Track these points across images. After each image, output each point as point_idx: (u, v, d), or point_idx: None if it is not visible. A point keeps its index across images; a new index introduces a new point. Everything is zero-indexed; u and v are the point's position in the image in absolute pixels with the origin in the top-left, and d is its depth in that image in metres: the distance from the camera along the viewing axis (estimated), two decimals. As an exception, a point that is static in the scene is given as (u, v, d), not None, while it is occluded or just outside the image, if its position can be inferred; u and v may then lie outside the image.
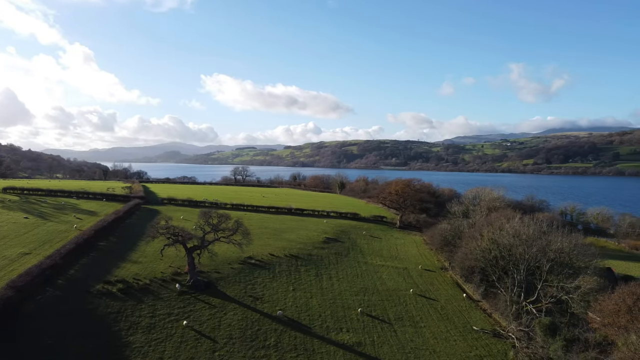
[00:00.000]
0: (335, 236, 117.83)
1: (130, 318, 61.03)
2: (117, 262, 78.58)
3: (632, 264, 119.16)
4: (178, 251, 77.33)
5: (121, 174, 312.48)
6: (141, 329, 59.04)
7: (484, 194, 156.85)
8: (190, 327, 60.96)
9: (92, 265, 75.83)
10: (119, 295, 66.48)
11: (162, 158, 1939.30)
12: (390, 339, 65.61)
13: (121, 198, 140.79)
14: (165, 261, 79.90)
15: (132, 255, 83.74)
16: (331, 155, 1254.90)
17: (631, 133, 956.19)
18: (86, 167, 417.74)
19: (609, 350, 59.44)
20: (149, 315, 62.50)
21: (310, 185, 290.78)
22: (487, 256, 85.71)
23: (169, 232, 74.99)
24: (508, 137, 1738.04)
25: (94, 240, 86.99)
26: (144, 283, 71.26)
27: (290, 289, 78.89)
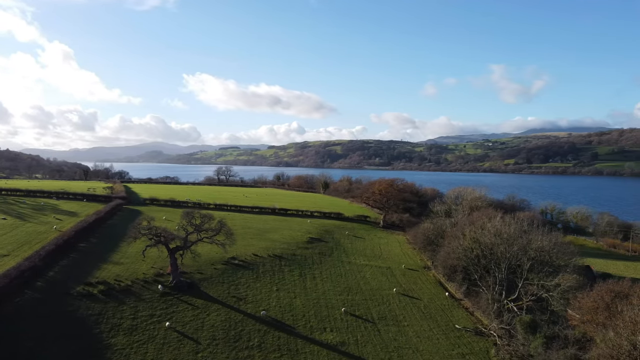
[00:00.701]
0: (319, 236, 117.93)
1: (111, 320, 60.32)
2: (98, 264, 77.55)
3: (610, 262, 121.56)
4: (160, 252, 76.60)
5: (102, 174, 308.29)
6: (123, 330, 58.39)
7: (466, 193, 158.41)
8: (172, 329, 60.48)
9: (72, 267, 74.73)
10: (100, 297, 65.64)
11: (144, 158, 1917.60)
12: (374, 338, 65.93)
13: (102, 198, 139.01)
14: (147, 262, 79.09)
15: (114, 256, 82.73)
16: (315, 155, 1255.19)
17: (609, 133, 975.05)
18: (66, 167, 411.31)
19: (587, 346, 60.50)
20: (130, 317, 61.85)
21: (294, 185, 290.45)
22: (469, 255, 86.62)
23: (151, 233, 74.26)
24: (490, 137, 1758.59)
25: (74, 241, 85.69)
26: (126, 284, 70.46)
27: (273, 289, 78.76)
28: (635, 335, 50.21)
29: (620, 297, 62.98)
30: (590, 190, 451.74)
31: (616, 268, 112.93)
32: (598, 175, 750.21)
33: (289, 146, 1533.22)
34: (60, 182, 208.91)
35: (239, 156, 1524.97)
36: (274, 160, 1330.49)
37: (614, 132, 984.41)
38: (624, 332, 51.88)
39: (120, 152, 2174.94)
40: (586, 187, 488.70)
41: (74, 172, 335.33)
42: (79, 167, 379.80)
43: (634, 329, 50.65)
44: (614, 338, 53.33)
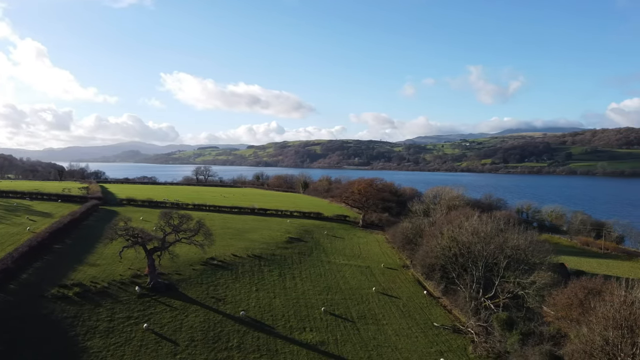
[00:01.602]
0: (299, 236, 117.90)
1: (87, 322, 59.34)
2: (74, 265, 76.23)
3: (583, 260, 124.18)
4: (138, 253, 75.70)
5: (78, 174, 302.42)
6: (99, 333, 57.49)
7: (444, 192, 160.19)
8: (150, 330, 59.80)
9: (46, 269, 73.32)
10: (76, 299, 64.54)
11: (120, 158, 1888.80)
12: (353, 337, 66.20)
13: (78, 199, 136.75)
14: (124, 263, 78.07)
15: (90, 257, 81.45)
16: (294, 155, 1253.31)
17: (582, 134, 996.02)
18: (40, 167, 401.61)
19: (562, 342, 61.77)
20: (107, 319, 60.94)
21: (274, 185, 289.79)
22: (447, 254, 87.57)
23: (128, 234, 73.35)
24: (467, 137, 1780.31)
25: (48, 242, 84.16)
26: (102, 286, 69.45)
27: (253, 289, 78.48)
28: (607, 330, 51.44)
29: (593, 294, 64.45)
30: (565, 189, 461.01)
31: (589, 265, 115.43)
32: (572, 174, 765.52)
33: (268, 146, 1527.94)
34: (34, 183, 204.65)
35: (218, 156, 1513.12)
36: (253, 160, 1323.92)
37: (587, 132, 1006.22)
38: (596, 327, 53.12)
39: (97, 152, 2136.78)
40: (561, 187, 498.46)
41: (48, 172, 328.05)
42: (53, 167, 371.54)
43: (606, 325, 51.89)
44: (587, 334, 54.58)
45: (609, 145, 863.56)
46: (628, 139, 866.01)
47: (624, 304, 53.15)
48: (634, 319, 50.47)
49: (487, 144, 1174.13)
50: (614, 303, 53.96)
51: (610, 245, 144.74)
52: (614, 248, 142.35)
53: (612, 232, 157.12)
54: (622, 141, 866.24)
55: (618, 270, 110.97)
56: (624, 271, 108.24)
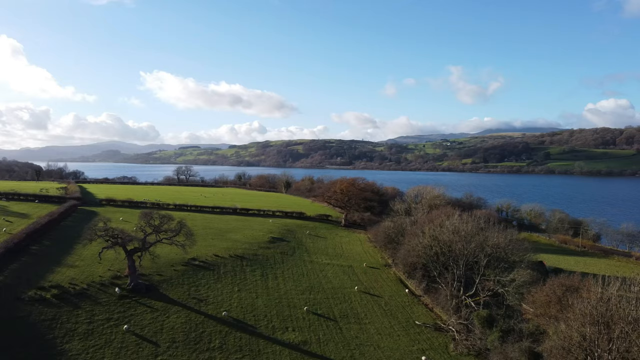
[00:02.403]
0: (281, 235, 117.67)
1: (65, 325, 58.37)
2: (52, 267, 74.89)
3: (561, 257, 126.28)
4: (117, 254, 74.76)
5: (56, 174, 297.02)
6: (78, 335, 56.59)
7: (425, 192, 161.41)
8: (131, 332, 59.07)
9: (23, 271, 71.88)
10: (54, 301, 63.44)
11: (100, 157, 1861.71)
12: (336, 337, 66.33)
13: (56, 199, 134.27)
14: (103, 264, 76.99)
15: (68, 259, 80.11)
16: (277, 155, 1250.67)
17: (560, 134, 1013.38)
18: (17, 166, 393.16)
19: (541, 339, 62.78)
20: (86, 321, 60.02)
21: (256, 185, 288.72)
22: (429, 252, 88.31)
23: (108, 234, 72.32)
24: (448, 137, 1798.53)
25: (25, 244, 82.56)
26: (81, 288, 68.39)
27: (235, 289, 78.08)
28: (584, 326, 52.42)
29: (571, 291, 65.65)
30: (543, 188, 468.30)
31: (567, 263, 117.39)
32: (550, 174, 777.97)
33: (250, 145, 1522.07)
34: (10, 183, 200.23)
35: (200, 156, 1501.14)
36: (235, 159, 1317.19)
37: (564, 132, 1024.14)
38: (574, 324, 54.09)
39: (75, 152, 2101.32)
40: (539, 186, 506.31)
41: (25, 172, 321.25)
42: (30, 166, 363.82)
43: (584, 321, 52.88)
44: (565, 330, 55.54)
45: (586, 145, 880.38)
46: (604, 139, 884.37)
47: (601, 300, 54.23)
48: (610, 315, 51.52)
49: (467, 144, 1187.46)
50: (591, 300, 55.01)
51: (587, 243, 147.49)
52: (590, 246, 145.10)
53: (589, 230, 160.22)
54: (598, 141, 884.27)
55: (595, 267, 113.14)
56: (601, 268, 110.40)
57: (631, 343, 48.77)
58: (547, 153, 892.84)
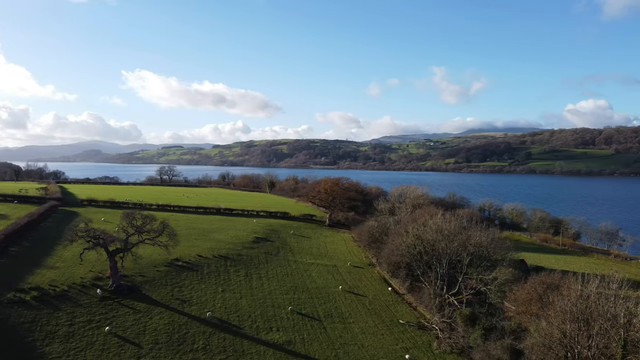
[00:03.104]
0: (265, 235, 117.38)
1: (46, 327, 57.44)
2: (31, 269, 73.62)
3: (542, 256, 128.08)
4: (99, 255, 73.88)
5: (35, 174, 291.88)
6: (58, 338, 55.73)
7: (409, 191, 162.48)
8: (113, 334, 58.36)
9: (2, 273, 70.53)
10: (34, 303, 62.38)
11: (81, 157, 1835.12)
12: (320, 336, 66.37)
13: (35, 200, 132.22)
14: (85, 266, 75.97)
15: (48, 260, 78.85)
16: (261, 155, 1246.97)
17: (541, 134, 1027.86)
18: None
19: (522, 336, 63.61)
20: (67, 323, 59.14)
21: (240, 185, 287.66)
22: (412, 251, 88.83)
23: (89, 235, 71.33)
24: (431, 137, 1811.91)
25: (4, 245, 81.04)
26: (62, 289, 67.35)
27: (219, 290, 77.67)
28: (565, 323, 53.26)
29: (552, 289, 66.64)
30: (525, 188, 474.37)
31: (548, 261, 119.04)
32: (531, 173, 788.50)
33: (234, 145, 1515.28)
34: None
35: (183, 155, 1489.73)
36: (219, 159, 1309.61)
37: (545, 132, 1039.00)
38: (555, 321, 54.94)
39: (55, 151, 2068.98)
40: (521, 185, 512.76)
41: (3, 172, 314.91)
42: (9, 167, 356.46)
43: (564, 318, 53.73)
44: (546, 327, 56.37)
45: (566, 145, 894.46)
46: (584, 139, 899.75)
47: (580, 297, 55.16)
48: (589, 312, 52.44)
49: (450, 144, 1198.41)
50: (571, 297, 55.93)
51: (567, 241, 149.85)
52: (571, 244, 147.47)
53: (569, 229, 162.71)
54: (578, 141, 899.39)
55: (575, 265, 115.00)
56: (580, 266, 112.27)
57: (610, 339, 49.72)
58: (529, 153, 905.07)
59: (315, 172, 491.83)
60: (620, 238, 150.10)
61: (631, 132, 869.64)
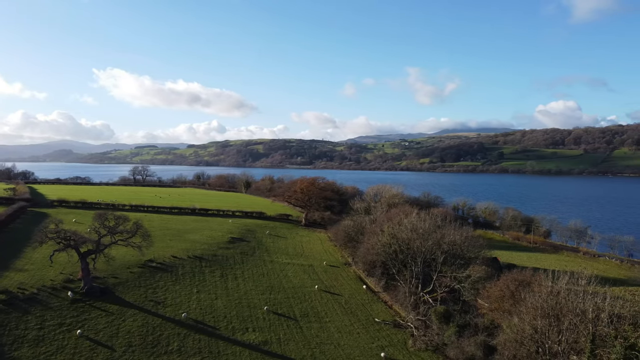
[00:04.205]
0: (241, 236, 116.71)
1: (14, 331, 55.92)
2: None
3: (514, 254, 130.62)
4: (70, 256, 72.28)
5: (3, 174, 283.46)
6: (27, 342, 54.30)
7: (384, 191, 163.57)
8: (85, 337, 57.20)
9: (-32, 276, 68.43)
10: (1, 307, 60.66)
11: (51, 157, 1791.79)
12: (296, 336, 66.33)
13: (3, 201, 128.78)
14: (55, 268, 74.30)
15: (17, 262, 76.83)
16: (236, 154, 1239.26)
17: (513, 134, 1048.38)
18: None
19: (495, 333, 64.88)
20: (36, 327, 57.69)
21: (215, 185, 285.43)
22: (388, 250, 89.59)
23: (60, 236, 69.74)
24: (406, 137, 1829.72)
25: (-30, 247, 78.55)
26: (31, 292, 65.67)
27: (194, 291, 76.88)
28: (536, 319, 54.48)
29: (523, 286, 68.11)
30: (498, 187, 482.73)
31: (520, 259, 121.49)
32: (504, 173, 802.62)
33: (209, 145, 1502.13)
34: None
35: (157, 155, 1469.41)
36: (193, 159, 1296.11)
37: (517, 132, 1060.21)
38: (526, 317, 56.16)
39: (24, 151, 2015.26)
40: (494, 184, 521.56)
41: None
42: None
43: (535, 314, 54.97)
44: (518, 323, 57.58)
45: (537, 145, 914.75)
46: (554, 139, 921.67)
47: (551, 294, 56.52)
48: (559, 308, 53.77)
49: (425, 144, 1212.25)
50: (542, 293, 57.27)
51: (538, 239, 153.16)
52: (542, 242, 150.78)
53: (540, 227, 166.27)
54: (548, 141, 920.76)
55: (545, 262, 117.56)
56: (551, 263, 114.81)
57: (579, 334, 51.05)
58: (501, 153, 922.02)
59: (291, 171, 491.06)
60: (588, 236, 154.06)
61: (599, 133, 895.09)
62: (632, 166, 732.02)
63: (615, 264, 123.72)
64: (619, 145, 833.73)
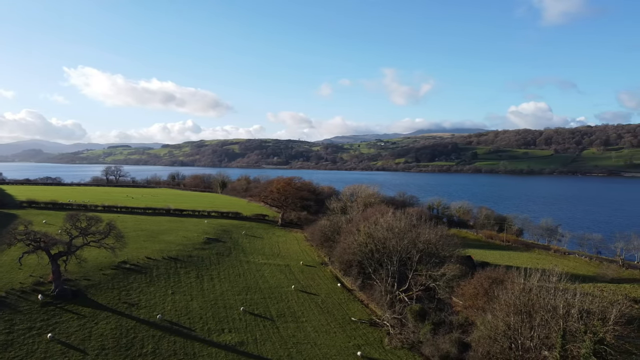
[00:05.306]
0: (217, 236, 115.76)
1: (-19, 336, 54.31)
2: (-35, 274, 69.45)
3: (488, 252, 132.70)
4: (40, 259, 70.61)
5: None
6: (-4, 347, 52.83)
7: (360, 190, 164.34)
8: (56, 341, 55.95)
9: None
10: (-32, 311, 58.89)
11: (20, 157, 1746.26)
12: (273, 336, 66.12)
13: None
14: (24, 270, 72.44)
15: (-16, 265, 74.57)
16: (212, 154, 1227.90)
17: (486, 134, 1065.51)
18: None
19: (469, 330, 65.89)
20: (5, 331, 56.16)
21: (190, 185, 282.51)
22: (364, 250, 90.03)
23: (29, 238, 68.08)
24: (382, 137, 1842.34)
25: None
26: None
27: (169, 292, 75.93)
28: (509, 316, 55.56)
29: (497, 283, 69.33)
30: (472, 186, 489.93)
31: (493, 257, 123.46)
32: (477, 172, 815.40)
33: (184, 145, 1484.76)
34: None
35: (130, 155, 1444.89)
36: (168, 159, 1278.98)
37: (490, 133, 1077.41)
38: (499, 314, 57.22)
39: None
40: (468, 184, 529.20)
41: None
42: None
43: (508, 311, 56.06)
44: (491, 320, 58.62)
45: (509, 146, 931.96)
46: (526, 140, 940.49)
47: (523, 291, 57.72)
48: (531, 305, 54.96)
49: (400, 144, 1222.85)
50: (515, 291, 58.43)
51: (511, 237, 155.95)
52: (514, 240, 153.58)
53: (513, 226, 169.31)
54: (520, 142, 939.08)
55: (518, 260, 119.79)
56: (523, 261, 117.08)
57: (550, 330, 52.27)
58: (475, 153, 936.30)
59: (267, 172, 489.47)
60: (559, 234, 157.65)
61: (569, 134, 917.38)
62: (600, 166, 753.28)
63: (585, 261, 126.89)
64: (588, 145, 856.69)
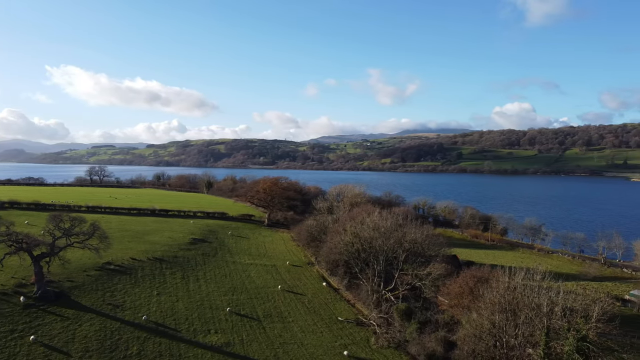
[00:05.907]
0: (203, 236, 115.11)
1: (-38, 339, 53.33)
2: (-56, 277, 68.11)
3: (473, 251, 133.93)
4: (22, 260, 69.51)
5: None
6: (-24, 350, 51.91)
7: (347, 190, 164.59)
8: (39, 343, 55.16)
9: None
10: (-53, 314, 57.80)
11: (2, 157, 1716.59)
12: (259, 336, 65.94)
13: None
14: (6, 272, 71.28)
15: (-36, 267, 73.15)
16: (198, 154, 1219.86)
17: (471, 135, 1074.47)
18: None
19: (455, 328, 66.37)
20: (-14, 334, 55.18)
21: (176, 185, 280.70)
22: (350, 249, 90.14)
23: (11, 239, 67.09)
24: (368, 137, 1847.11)
25: None
26: (-20, 298, 62.80)
27: (154, 293, 75.30)
28: (494, 314, 56.08)
29: (482, 282, 69.82)
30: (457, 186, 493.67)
31: (478, 256, 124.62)
32: (462, 172, 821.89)
33: (169, 145, 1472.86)
34: None
35: (115, 155, 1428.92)
36: (153, 159, 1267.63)
37: (475, 133, 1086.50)
38: (484, 312, 57.71)
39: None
40: (454, 184, 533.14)
41: None
42: None
43: (493, 309, 56.58)
44: (476, 319, 59.09)
45: (494, 146, 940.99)
46: (510, 140, 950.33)
47: (508, 289, 58.30)
48: (516, 303, 55.55)
49: (386, 144, 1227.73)
50: (499, 289, 58.99)
51: (495, 237, 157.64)
52: (499, 239, 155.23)
53: (498, 225, 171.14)
54: (505, 142, 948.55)
55: (503, 259, 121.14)
56: (508, 260, 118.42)
57: (534, 327, 52.88)
58: (460, 153, 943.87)
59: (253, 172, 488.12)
60: (542, 233, 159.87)
61: (552, 134, 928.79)
62: (582, 166, 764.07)
63: (568, 259, 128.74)
64: (571, 145, 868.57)
